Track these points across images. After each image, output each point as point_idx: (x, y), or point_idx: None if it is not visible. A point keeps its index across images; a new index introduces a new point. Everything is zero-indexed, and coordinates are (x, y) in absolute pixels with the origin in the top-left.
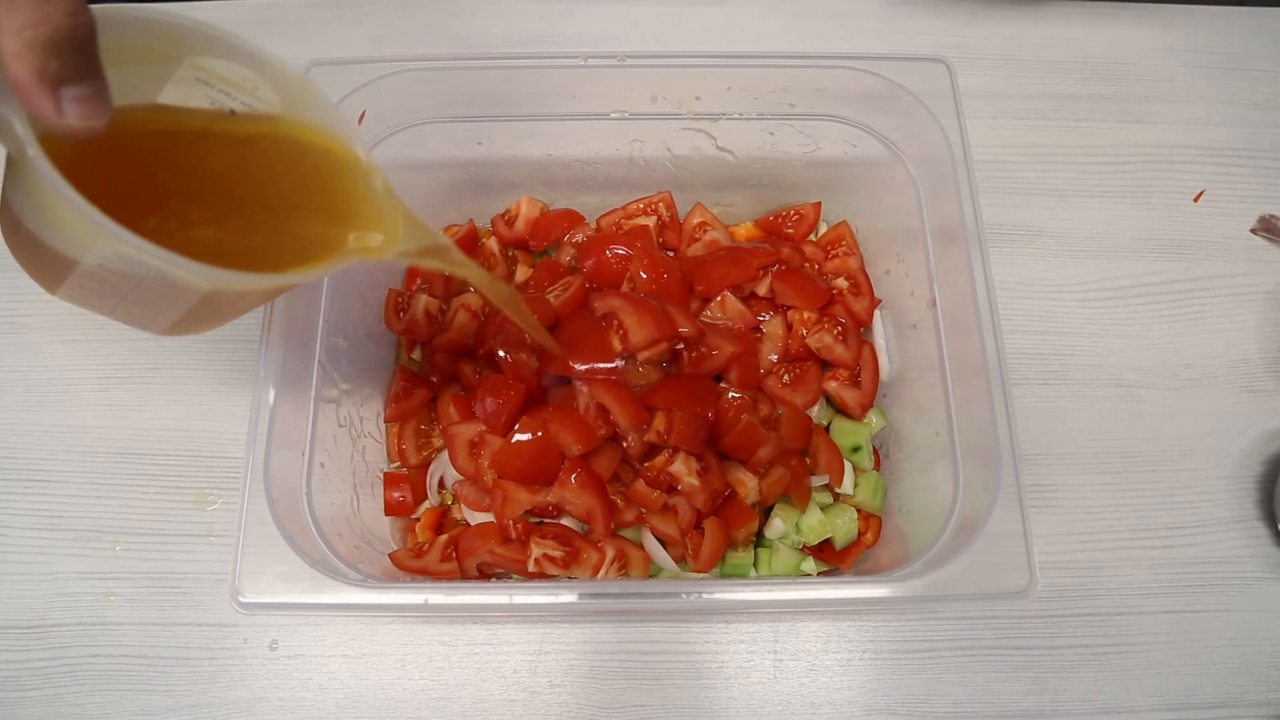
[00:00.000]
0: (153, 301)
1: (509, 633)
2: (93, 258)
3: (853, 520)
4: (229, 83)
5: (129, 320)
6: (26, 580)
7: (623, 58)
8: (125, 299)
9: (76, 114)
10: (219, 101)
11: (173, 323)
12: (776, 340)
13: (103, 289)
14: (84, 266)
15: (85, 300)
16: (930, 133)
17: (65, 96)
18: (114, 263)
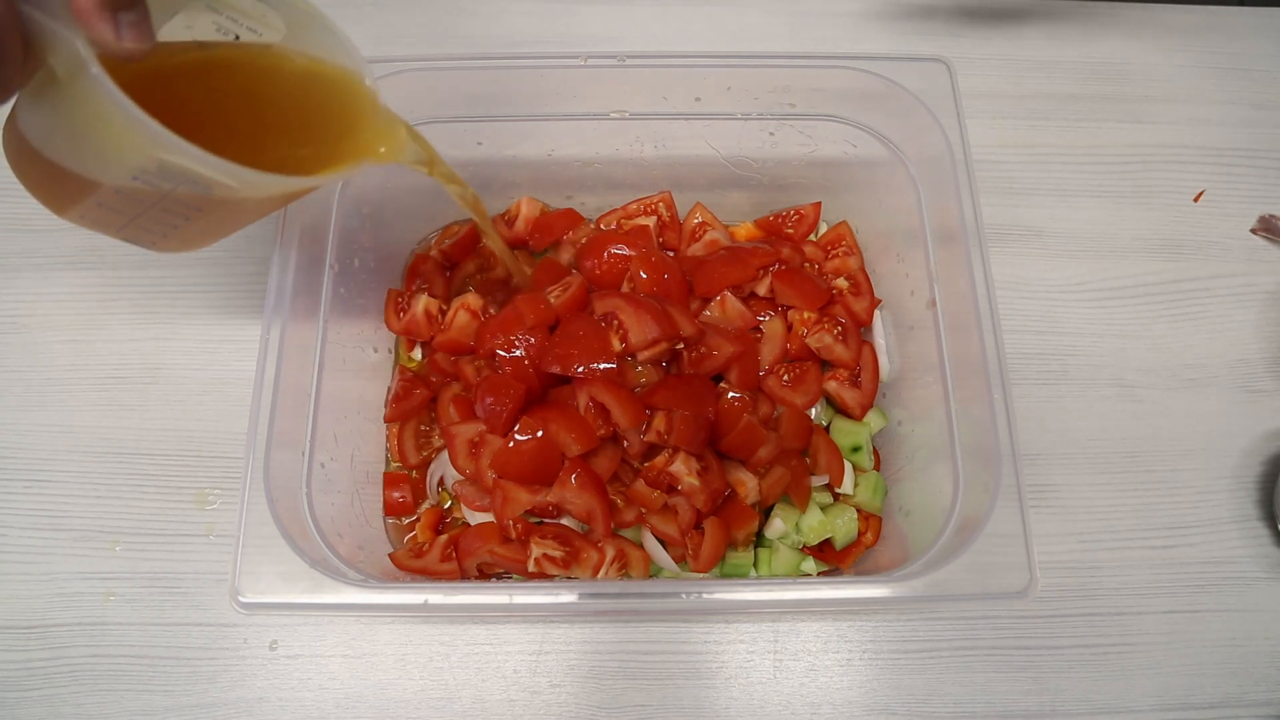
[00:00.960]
0: (165, 219)
1: (509, 633)
2: (124, 173)
3: (853, 520)
4: (237, 10)
5: (135, 239)
6: (26, 580)
7: (623, 58)
8: (138, 217)
9: (131, 36)
10: (225, 28)
11: (180, 239)
12: (776, 340)
13: (121, 207)
14: (109, 185)
15: (97, 220)
16: (930, 133)
17: (122, 21)
18: (147, 176)
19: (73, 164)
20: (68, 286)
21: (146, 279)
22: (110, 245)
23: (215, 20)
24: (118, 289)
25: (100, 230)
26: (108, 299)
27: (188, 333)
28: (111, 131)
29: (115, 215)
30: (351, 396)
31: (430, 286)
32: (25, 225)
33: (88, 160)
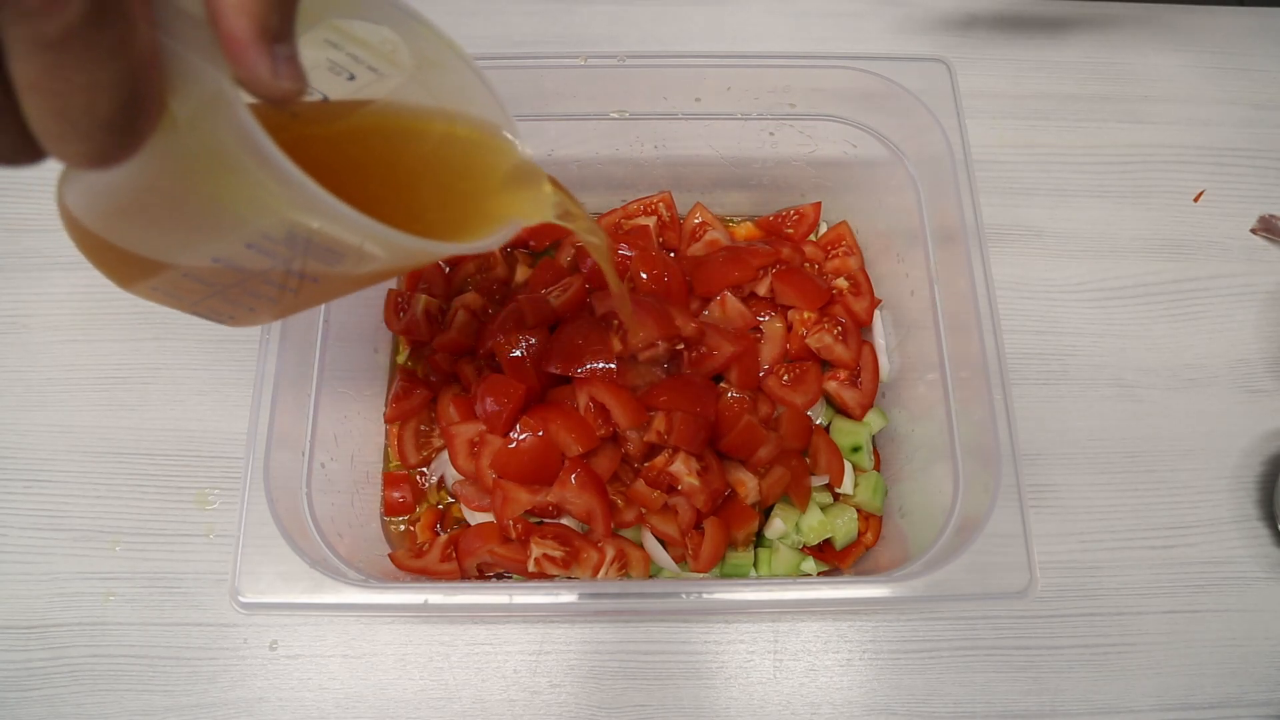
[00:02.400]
0: (263, 290)
1: (509, 633)
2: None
3: (853, 520)
4: (360, 44)
5: (212, 313)
6: (26, 580)
7: (623, 58)
8: (228, 289)
9: (289, 75)
10: (340, 65)
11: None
12: (776, 340)
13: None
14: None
15: (173, 293)
16: (930, 133)
17: (279, 56)
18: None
19: (166, 230)
20: (68, 286)
21: None
22: None
23: (331, 57)
24: (118, 289)
25: (169, 304)
26: (108, 299)
27: (188, 333)
28: (239, 190)
29: (200, 288)
30: (351, 396)
31: (430, 286)
32: (25, 225)
33: (190, 225)
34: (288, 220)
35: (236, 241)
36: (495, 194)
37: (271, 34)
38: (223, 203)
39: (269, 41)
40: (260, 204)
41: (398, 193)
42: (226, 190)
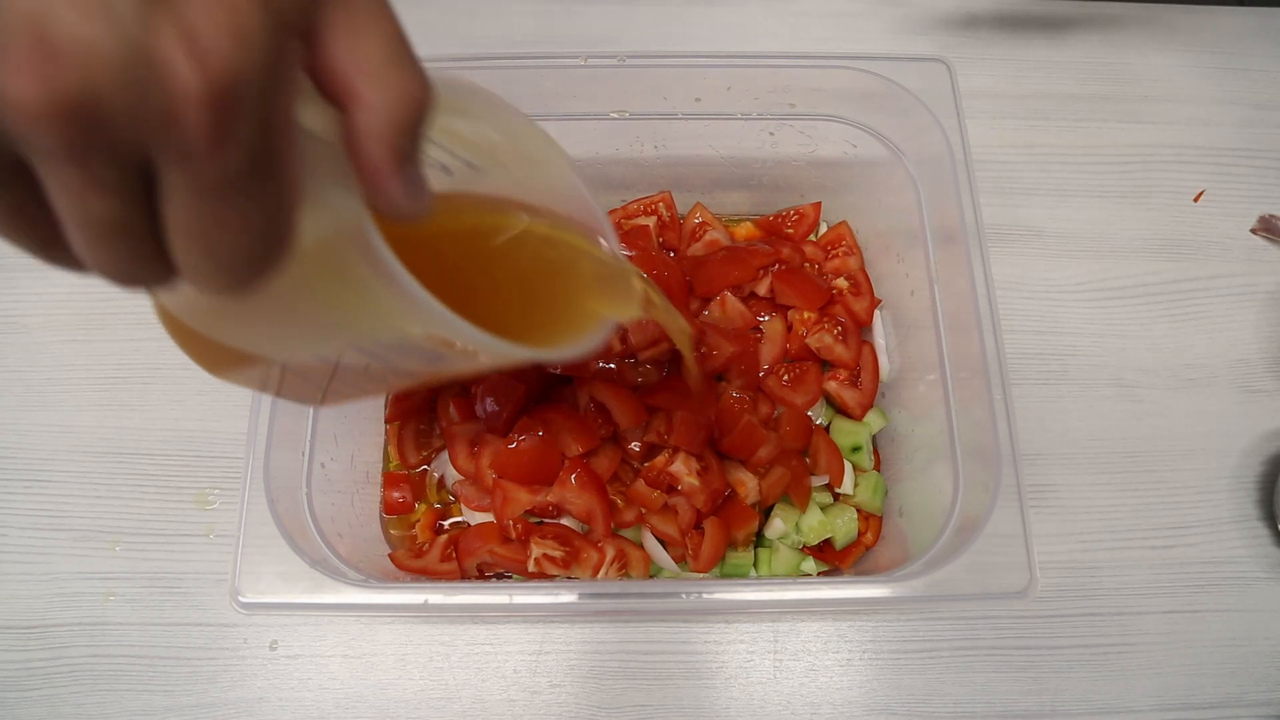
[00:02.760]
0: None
1: (509, 633)
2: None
3: (853, 520)
4: (461, 140)
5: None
6: (26, 580)
7: (623, 58)
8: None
9: (418, 196)
10: (438, 161)
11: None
12: (776, 340)
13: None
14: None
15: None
16: (930, 133)
17: (410, 178)
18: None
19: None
20: (68, 286)
21: None
22: None
23: (430, 153)
24: (118, 289)
25: (257, 389)
26: (108, 299)
27: None
28: (361, 304)
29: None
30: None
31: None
32: None
33: (300, 330)
34: (404, 332)
35: (345, 345)
36: (585, 291)
37: (405, 158)
38: (341, 314)
39: (403, 166)
40: (381, 318)
41: (493, 289)
42: (347, 304)
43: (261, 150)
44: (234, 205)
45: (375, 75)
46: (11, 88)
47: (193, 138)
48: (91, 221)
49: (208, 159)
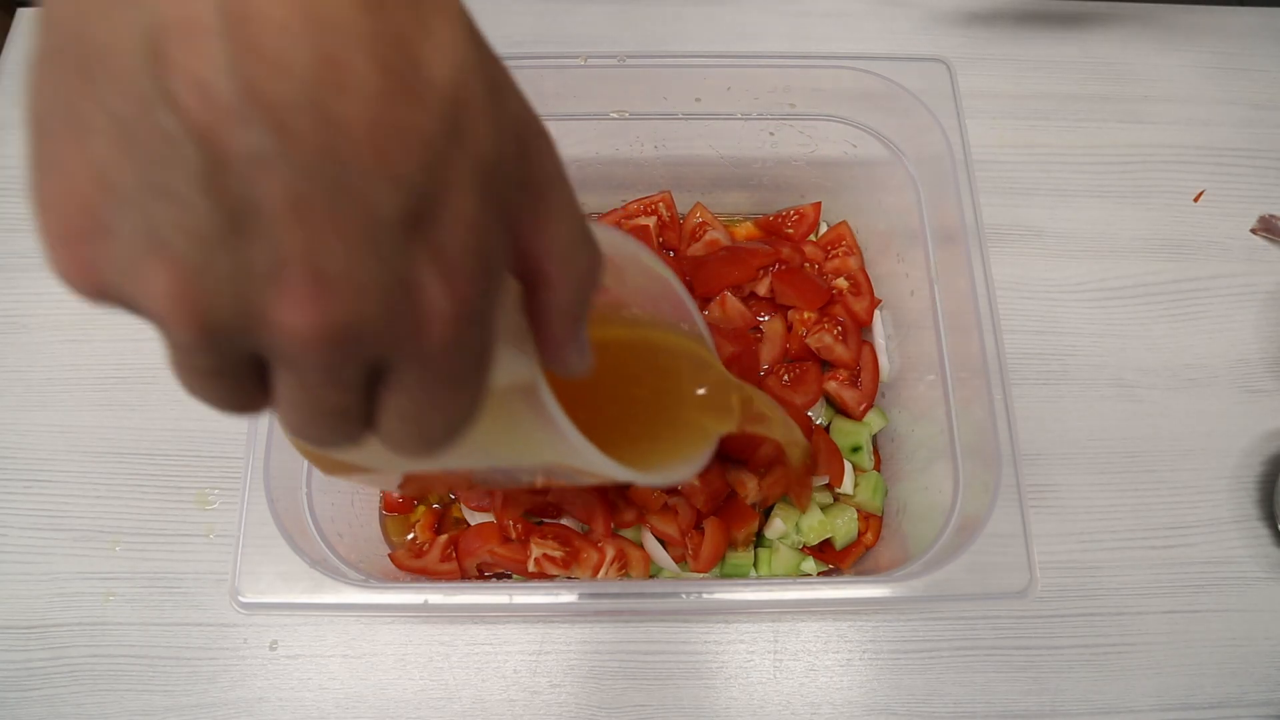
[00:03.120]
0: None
1: (509, 633)
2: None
3: (853, 520)
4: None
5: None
6: (26, 580)
7: (623, 58)
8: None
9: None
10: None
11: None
12: (776, 340)
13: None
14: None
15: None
16: (930, 133)
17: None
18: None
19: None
20: None
21: None
22: None
23: None
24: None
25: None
26: None
27: None
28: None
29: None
30: None
31: None
32: (25, 225)
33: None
34: (545, 460)
35: (486, 466)
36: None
37: (580, 326)
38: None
39: (578, 334)
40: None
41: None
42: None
43: (480, 345)
44: (450, 392)
45: (563, 258)
46: (286, 317)
47: (434, 346)
48: (317, 409)
49: (442, 360)
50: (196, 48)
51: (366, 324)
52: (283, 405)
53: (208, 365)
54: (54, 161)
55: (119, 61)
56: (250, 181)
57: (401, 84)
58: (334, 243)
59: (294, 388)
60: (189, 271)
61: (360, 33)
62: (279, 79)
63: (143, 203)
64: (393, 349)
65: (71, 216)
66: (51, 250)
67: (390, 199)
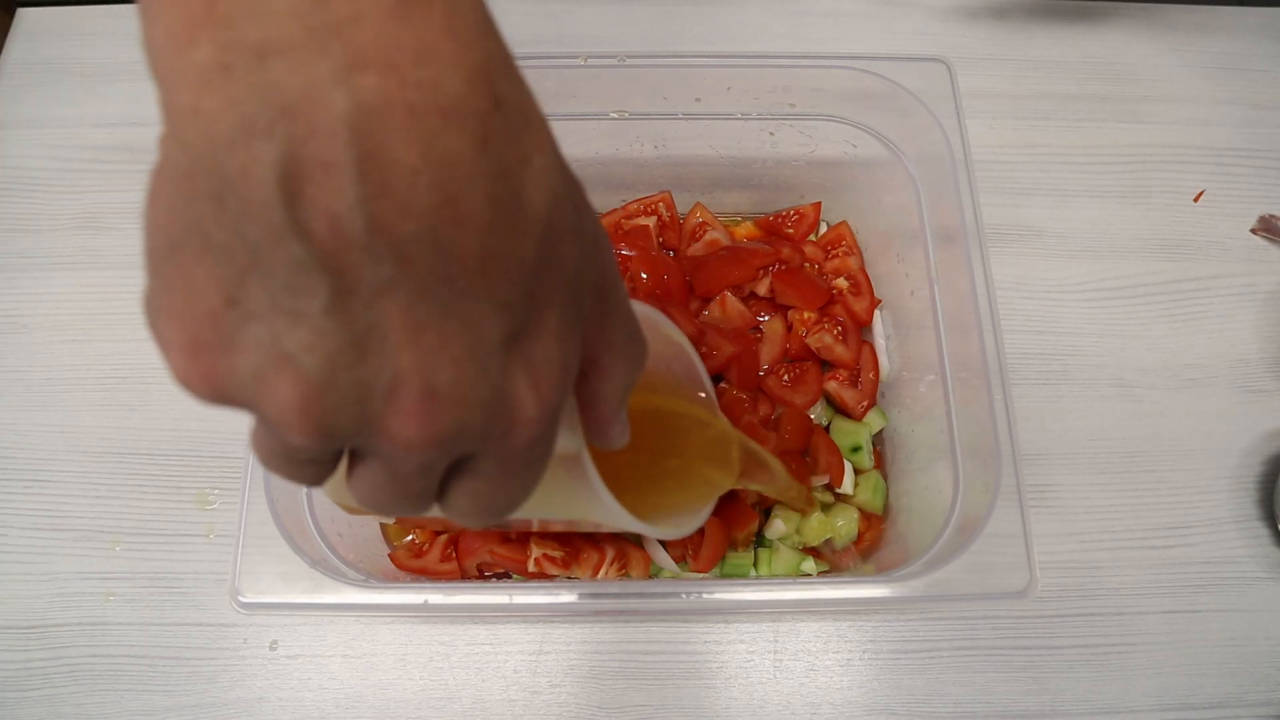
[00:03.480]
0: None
1: (509, 633)
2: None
3: (853, 520)
4: None
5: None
6: (26, 580)
7: (623, 58)
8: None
9: (626, 430)
10: None
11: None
12: (776, 340)
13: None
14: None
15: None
16: (930, 133)
17: (624, 420)
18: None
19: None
20: (68, 286)
21: None
22: (110, 245)
23: None
24: (118, 289)
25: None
26: (108, 299)
27: None
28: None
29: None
30: None
31: None
32: (25, 225)
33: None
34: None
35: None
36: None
37: (623, 407)
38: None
39: (621, 414)
40: (565, 510)
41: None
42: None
43: (551, 437)
44: (520, 477)
45: (616, 349)
46: (398, 428)
47: (519, 445)
48: (398, 493)
49: (522, 453)
50: (329, 185)
51: (466, 431)
52: (363, 486)
53: (304, 459)
54: (181, 277)
55: (253, 191)
56: (373, 308)
57: (507, 216)
58: (445, 362)
59: (381, 474)
60: (314, 387)
61: (475, 171)
62: (404, 217)
63: (270, 321)
64: (481, 447)
65: (198, 330)
66: (174, 358)
67: (495, 321)
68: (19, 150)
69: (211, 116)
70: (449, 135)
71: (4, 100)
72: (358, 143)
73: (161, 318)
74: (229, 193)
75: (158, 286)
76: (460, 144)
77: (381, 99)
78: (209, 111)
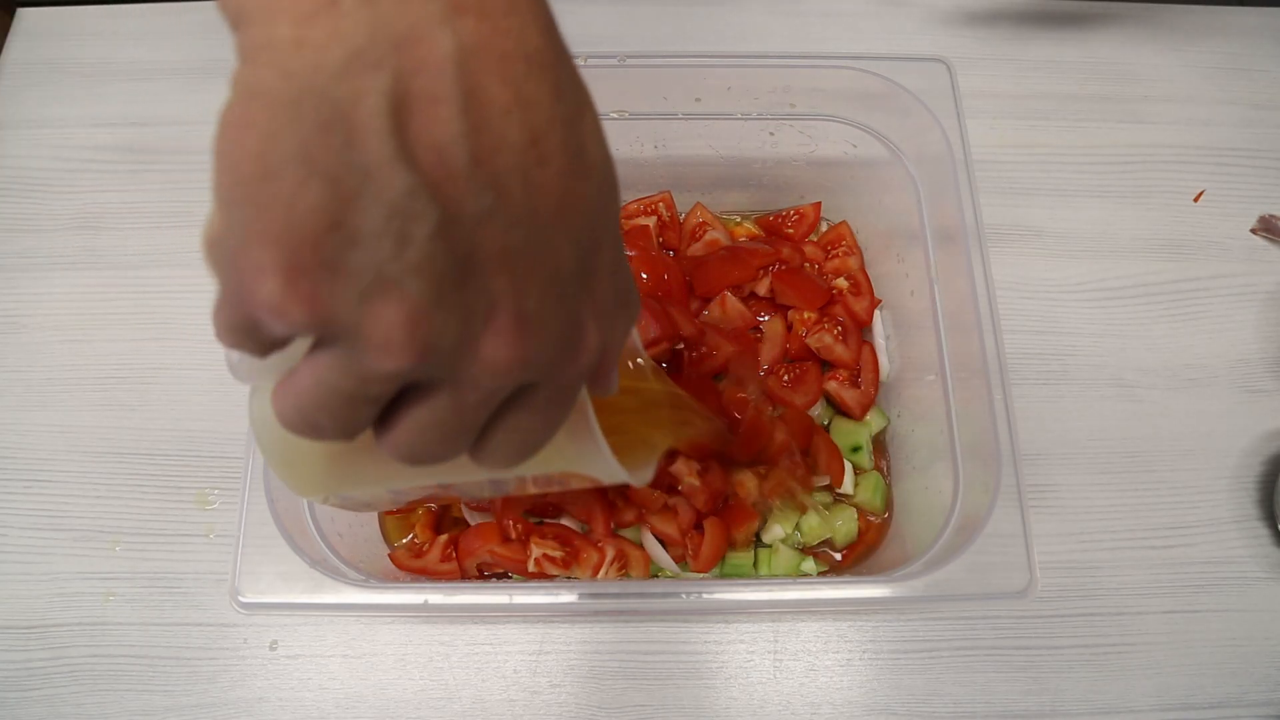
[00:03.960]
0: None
1: (509, 633)
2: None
3: (853, 520)
4: None
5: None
6: (26, 580)
7: (623, 58)
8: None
9: (617, 377)
10: None
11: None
12: (776, 340)
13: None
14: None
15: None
16: (930, 133)
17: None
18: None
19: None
20: (68, 286)
21: (146, 279)
22: (110, 245)
23: None
24: (118, 289)
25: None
26: (108, 299)
27: (188, 333)
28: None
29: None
30: None
31: None
32: (25, 225)
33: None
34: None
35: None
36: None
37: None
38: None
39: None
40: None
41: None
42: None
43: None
44: (561, 409)
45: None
46: (492, 350)
47: (577, 374)
48: (455, 428)
49: (575, 385)
50: (437, 116)
51: (545, 357)
52: (415, 426)
53: (376, 394)
54: (280, 202)
55: (363, 119)
56: (474, 235)
57: (577, 159)
58: (533, 288)
59: (444, 408)
60: (421, 308)
61: (552, 116)
62: (499, 151)
63: (374, 246)
64: (546, 375)
65: (301, 253)
66: (268, 283)
67: (569, 254)
68: (19, 150)
69: (319, 47)
70: (532, 81)
71: (4, 100)
72: (462, 80)
73: (252, 244)
74: (338, 120)
75: (246, 214)
76: (540, 90)
77: (480, 41)
78: (316, 42)
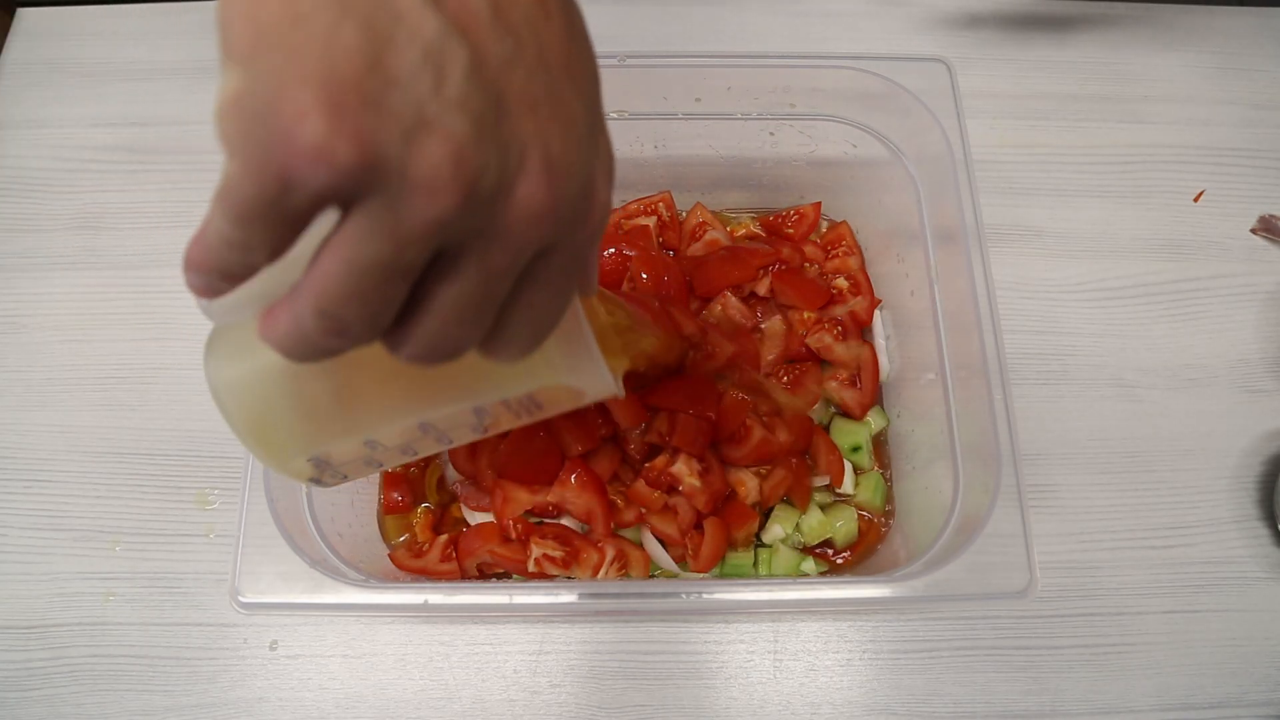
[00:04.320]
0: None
1: (509, 633)
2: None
3: (853, 520)
4: None
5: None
6: (26, 580)
7: (623, 58)
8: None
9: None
10: None
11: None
12: (776, 340)
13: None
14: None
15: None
16: (930, 133)
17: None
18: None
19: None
20: (68, 286)
21: (146, 279)
22: (110, 245)
23: None
24: (118, 289)
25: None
26: (108, 299)
27: (188, 333)
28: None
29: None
30: None
31: None
32: (25, 225)
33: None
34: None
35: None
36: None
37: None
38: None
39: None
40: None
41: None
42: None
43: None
44: (571, 283)
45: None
46: (528, 191)
47: (590, 233)
48: (482, 299)
49: (587, 248)
50: None
51: (572, 206)
52: (437, 310)
53: (411, 261)
54: (317, 44)
55: None
56: (501, 78)
57: (575, 25)
58: (555, 133)
59: (471, 278)
60: (464, 144)
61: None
62: (514, 4)
63: (412, 86)
64: (566, 234)
65: (343, 92)
66: (313, 124)
67: (580, 109)
68: (19, 150)
69: None
70: None
71: (4, 100)
72: None
73: (290, 87)
74: None
75: (277, 61)
76: None
77: None
78: None
